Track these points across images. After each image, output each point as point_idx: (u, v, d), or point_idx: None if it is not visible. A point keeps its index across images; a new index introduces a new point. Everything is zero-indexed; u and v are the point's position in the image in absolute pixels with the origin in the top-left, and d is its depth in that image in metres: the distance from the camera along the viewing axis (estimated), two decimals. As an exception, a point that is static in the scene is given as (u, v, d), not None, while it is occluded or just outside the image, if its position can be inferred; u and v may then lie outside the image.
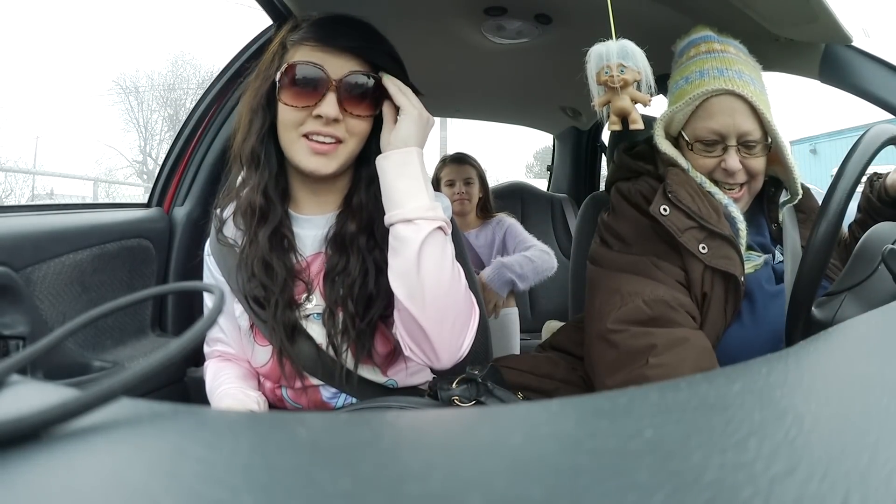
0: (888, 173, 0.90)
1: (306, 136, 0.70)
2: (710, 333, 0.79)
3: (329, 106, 0.69)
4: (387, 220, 0.69)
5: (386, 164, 0.70)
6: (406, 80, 0.75)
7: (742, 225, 0.82)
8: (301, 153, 0.71)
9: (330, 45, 0.71)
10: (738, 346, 0.81)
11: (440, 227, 0.68)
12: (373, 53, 0.73)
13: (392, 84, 0.72)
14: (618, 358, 0.74)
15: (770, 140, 0.81)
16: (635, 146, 0.95)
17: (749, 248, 0.86)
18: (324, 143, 0.70)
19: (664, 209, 0.78)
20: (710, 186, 0.82)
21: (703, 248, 0.77)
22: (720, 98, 0.80)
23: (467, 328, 0.72)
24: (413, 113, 0.71)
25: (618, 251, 0.84)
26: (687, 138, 0.83)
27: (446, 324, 0.68)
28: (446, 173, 1.83)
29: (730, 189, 0.83)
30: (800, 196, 0.88)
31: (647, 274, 0.79)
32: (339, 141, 0.71)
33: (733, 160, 0.80)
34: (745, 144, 0.80)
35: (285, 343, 0.73)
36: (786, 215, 0.90)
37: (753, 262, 0.86)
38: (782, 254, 0.89)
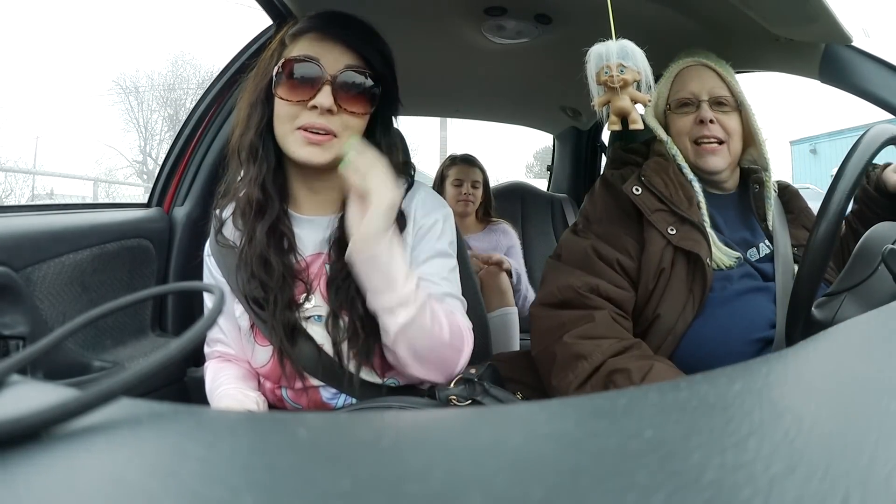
0: (886, 165, 0.91)
1: (301, 128, 0.71)
2: (672, 313, 0.85)
3: (324, 97, 0.70)
4: (367, 303, 0.70)
5: (355, 261, 0.69)
6: (394, 81, 0.77)
7: (705, 216, 0.89)
8: (295, 144, 0.71)
9: (325, 33, 0.72)
10: (709, 340, 0.85)
11: (417, 302, 0.69)
12: (366, 49, 0.74)
13: (355, 172, 0.68)
14: (538, 334, 0.88)
15: (740, 106, 0.92)
16: (631, 143, 0.98)
17: (725, 244, 0.90)
18: (317, 133, 0.71)
19: (636, 189, 0.89)
20: (688, 172, 0.91)
21: (672, 230, 0.86)
22: (691, 68, 0.95)
23: (459, 358, 0.76)
24: (382, 204, 0.67)
25: (581, 230, 0.94)
26: (669, 105, 0.96)
27: (436, 366, 0.74)
28: (454, 172, 1.83)
29: (708, 143, 0.91)
30: (768, 168, 0.95)
31: (583, 265, 0.88)
32: (333, 134, 0.72)
33: (706, 111, 0.91)
34: (716, 102, 0.92)
35: (285, 343, 0.73)
36: (775, 215, 0.94)
37: (728, 257, 0.89)
38: (768, 247, 0.92)
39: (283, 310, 0.73)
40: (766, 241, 0.93)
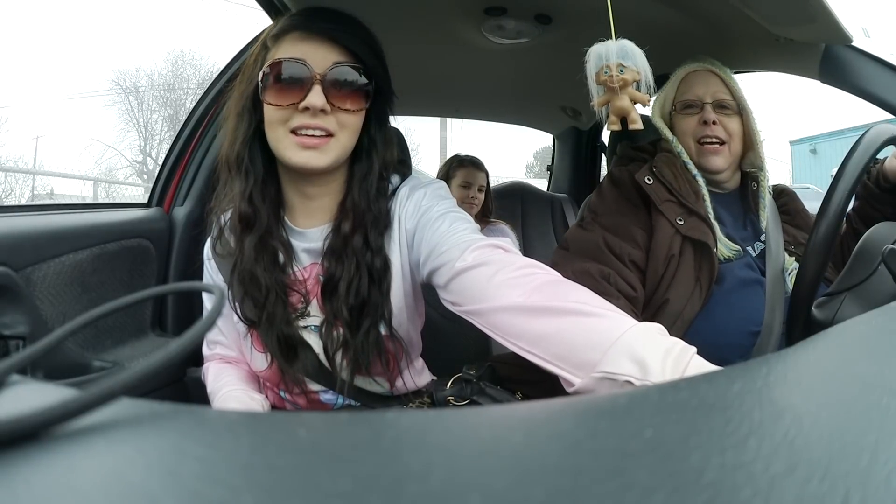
0: (885, 158, 0.91)
1: (294, 131, 0.67)
2: (680, 299, 0.87)
3: (315, 96, 0.66)
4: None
5: None
6: (386, 73, 0.73)
7: (710, 210, 0.92)
8: (289, 149, 0.67)
9: (309, 31, 0.68)
10: (712, 329, 0.87)
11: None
12: (353, 42, 0.69)
13: None
14: None
15: (741, 109, 0.97)
16: (638, 143, 1.01)
17: (728, 237, 0.94)
18: (313, 136, 0.67)
19: (648, 179, 0.94)
20: (692, 167, 0.96)
21: (680, 220, 0.90)
22: (698, 72, 1.01)
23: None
24: None
25: (587, 224, 0.96)
26: (675, 107, 1.01)
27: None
28: (462, 175, 1.83)
29: (710, 143, 0.96)
30: (764, 168, 1.00)
31: (595, 256, 0.89)
32: (329, 134, 0.68)
33: (709, 113, 0.96)
34: (719, 105, 0.97)
35: (280, 357, 0.73)
36: (768, 213, 0.97)
37: (728, 249, 0.92)
38: (765, 243, 0.95)
39: (279, 324, 0.71)
40: (763, 239, 0.96)
